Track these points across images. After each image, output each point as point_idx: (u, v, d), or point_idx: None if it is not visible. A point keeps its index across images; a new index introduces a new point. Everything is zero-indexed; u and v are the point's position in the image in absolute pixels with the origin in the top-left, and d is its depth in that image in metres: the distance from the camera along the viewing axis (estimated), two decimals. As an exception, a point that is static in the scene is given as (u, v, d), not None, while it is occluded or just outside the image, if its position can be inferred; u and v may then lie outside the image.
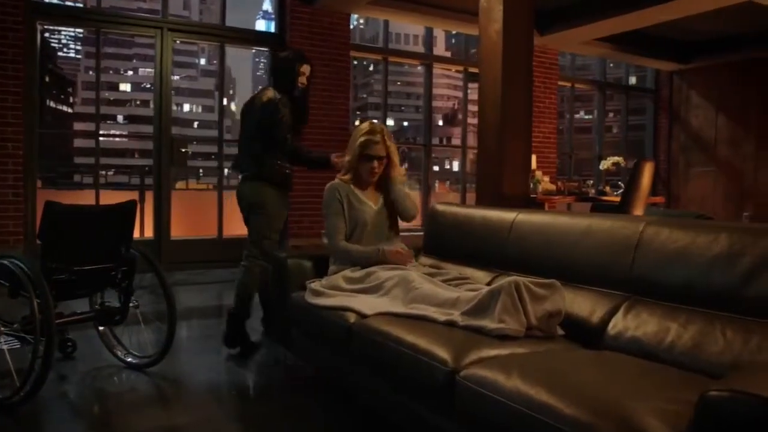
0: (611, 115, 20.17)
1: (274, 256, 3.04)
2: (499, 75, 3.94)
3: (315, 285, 2.63)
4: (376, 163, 2.72)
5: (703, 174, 9.24)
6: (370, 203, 2.78)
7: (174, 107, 6.59)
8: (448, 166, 59.14)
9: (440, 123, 67.41)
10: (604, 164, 7.88)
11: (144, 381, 2.86)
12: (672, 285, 1.82)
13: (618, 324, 1.88)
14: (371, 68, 69.31)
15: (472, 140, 7.81)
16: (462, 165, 9.02)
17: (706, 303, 1.72)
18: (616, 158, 7.84)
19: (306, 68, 3.58)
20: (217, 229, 6.50)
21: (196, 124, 65.91)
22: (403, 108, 69.92)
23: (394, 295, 2.34)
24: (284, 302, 2.80)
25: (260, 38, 7.46)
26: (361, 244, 2.70)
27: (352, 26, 7.08)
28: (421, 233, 3.26)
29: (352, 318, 2.26)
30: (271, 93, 3.39)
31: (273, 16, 8.75)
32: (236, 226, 7.15)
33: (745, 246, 1.67)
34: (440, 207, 3.07)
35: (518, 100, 4.04)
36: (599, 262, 2.06)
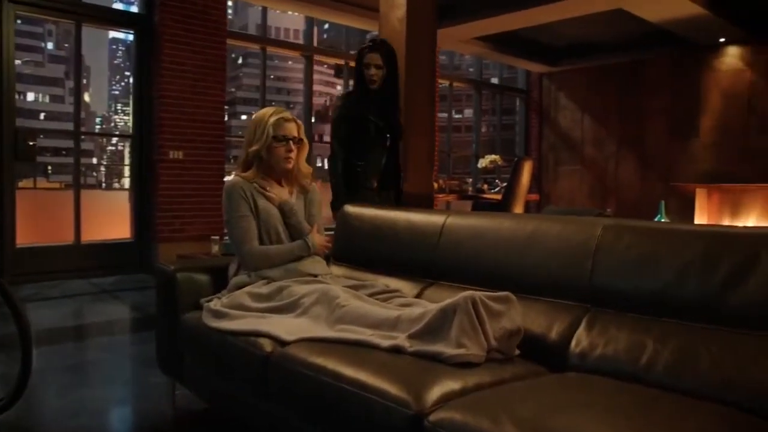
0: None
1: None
2: (403, 66, 3.68)
3: (214, 304, 2.21)
4: (292, 145, 2.34)
5: (571, 172, 9.74)
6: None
7: (16, 96, 5.64)
8: (319, 164, 58.79)
9: (312, 120, 66.91)
10: (483, 162, 8.00)
11: (-12, 434, 2.26)
12: (640, 294, 1.64)
13: (582, 340, 1.67)
14: (240, 61, 66.98)
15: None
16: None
17: (682, 314, 1.56)
18: (493, 156, 7.99)
19: (372, 57, 3.09)
20: (74, 234, 5.69)
21: (42, 115, 59.74)
22: (274, 103, 68.22)
23: (316, 315, 1.98)
24: (173, 325, 2.34)
25: (124, 19, 6.58)
26: None
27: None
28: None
29: (268, 346, 1.86)
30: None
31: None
32: (97, 230, 6.33)
33: (723, 250, 1.52)
34: (353, 209, 2.73)
35: (422, 94, 3.83)
36: (551, 270, 1.85)
